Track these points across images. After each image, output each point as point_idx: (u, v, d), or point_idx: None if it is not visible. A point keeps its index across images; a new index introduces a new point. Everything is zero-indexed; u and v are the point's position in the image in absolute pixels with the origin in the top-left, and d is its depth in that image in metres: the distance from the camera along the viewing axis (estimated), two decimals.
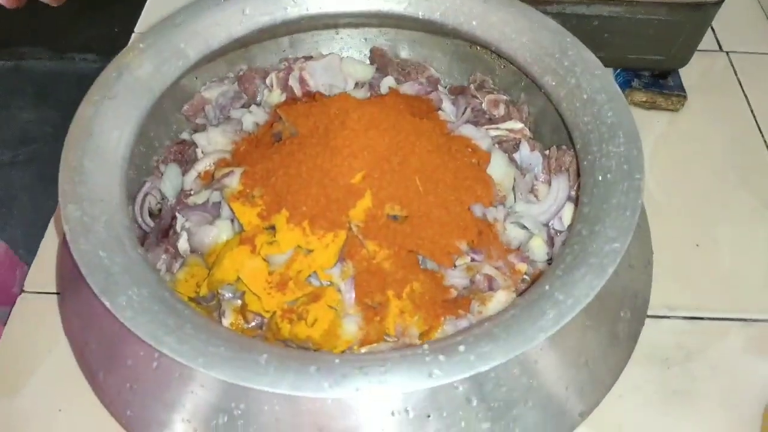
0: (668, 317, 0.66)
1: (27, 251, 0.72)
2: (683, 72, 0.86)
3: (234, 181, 0.53)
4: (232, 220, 0.54)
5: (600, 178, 0.46)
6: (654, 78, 0.86)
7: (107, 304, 0.39)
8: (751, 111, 0.85)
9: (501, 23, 0.57)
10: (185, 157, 0.63)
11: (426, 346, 0.38)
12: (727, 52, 0.93)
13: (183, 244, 0.55)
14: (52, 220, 0.69)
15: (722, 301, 0.66)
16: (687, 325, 0.65)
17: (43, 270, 0.65)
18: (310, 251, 0.48)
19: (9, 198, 1.35)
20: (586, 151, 0.49)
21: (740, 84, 0.88)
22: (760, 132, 0.82)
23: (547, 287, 0.40)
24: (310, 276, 0.49)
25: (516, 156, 0.62)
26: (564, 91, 0.53)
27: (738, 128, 0.83)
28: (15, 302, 0.63)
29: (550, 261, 0.57)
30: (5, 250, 0.76)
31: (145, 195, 0.60)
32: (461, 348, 0.37)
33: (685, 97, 0.84)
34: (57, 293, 0.62)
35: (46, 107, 1.53)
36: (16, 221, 1.29)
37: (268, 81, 0.67)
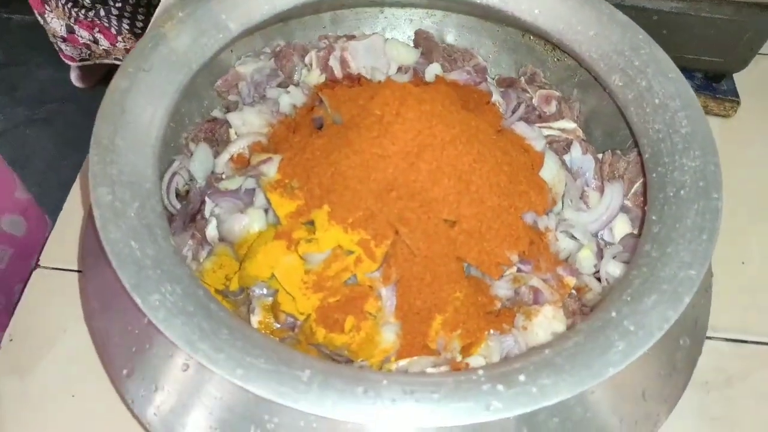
0: (709, 338, 0.62)
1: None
2: (737, 76, 0.81)
3: (272, 170, 0.49)
4: (266, 211, 0.50)
5: (671, 194, 0.43)
6: (707, 80, 0.81)
7: (139, 302, 0.36)
8: None
9: (567, 13, 0.52)
10: (216, 136, 0.59)
11: (482, 372, 0.35)
12: None
13: (211, 231, 0.52)
14: (72, 192, 0.65)
15: (767, 324, 0.63)
16: (729, 347, 0.62)
17: (61, 244, 0.61)
18: (351, 252, 0.45)
19: (24, 158, 1.31)
20: (656, 162, 0.45)
21: None
22: None
23: (613, 314, 0.37)
24: (349, 279, 0.46)
25: (566, 158, 0.59)
26: (633, 93, 0.49)
27: None
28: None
29: (596, 275, 0.53)
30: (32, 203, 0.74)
31: (173, 175, 0.57)
32: (521, 378, 0.34)
33: (738, 102, 0.80)
34: (78, 271, 0.59)
35: (64, 66, 1.49)
36: (30, 182, 1.27)
37: (307, 59, 0.63)
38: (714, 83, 0.81)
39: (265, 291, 0.47)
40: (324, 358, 0.45)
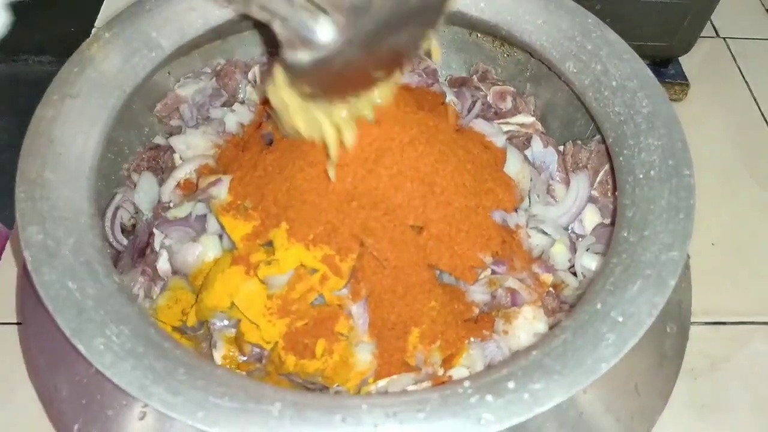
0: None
1: None
2: (682, 60, 0.82)
3: (222, 191, 0.46)
4: (220, 236, 0.47)
5: (641, 175, 0.41)
6: (654, 66, 0.81)
7: (81, 348, 0.32)
8: (754, 99, 0.82)
9: (513, 4, 0.51)
10: (160, 164, 0.56)
11: (468, 384, 0.32)
12: (725, 38, 0.90)
13: (163, 265, 0.48)
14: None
15: (743, 303, 0.62)
16: (708, 331, 0.61)
17: (1, 297, 0.57)
18: (315, 270, 0.42)
19: None
20: (621, 145, 0.43)
21: (740, 71, 0.85)
22: (766, 121, 0.79)
23: (599, 306, 0.35)
24: (316, 299, 0.42)
25: (527, 153, 0.57)
26: (589, 78, 0.47)
27: (743, 117, 0.79)
28: None
29: (571, 269, 0.52)
30: None
31: (117, 209, 0.53)
32: (511, 385, 0.31)
33: (687, 85, 0.80)
34: (18, 323, 0.54)
35: None
36: None
37: (250, 76, 0.60)
38: (661, 68, 0.81)
39: (226, 322, 0.44)
40: (297, 388, 0.42)
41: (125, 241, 0.53)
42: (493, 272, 0.47)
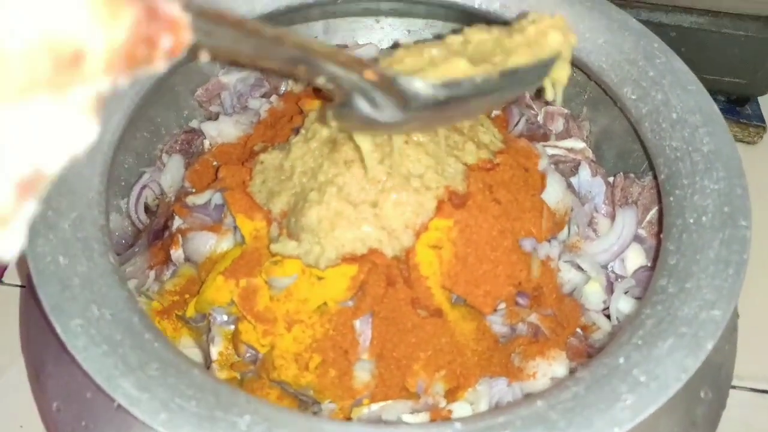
0: (733, 387, 0.55)
1: None
2: (762, 100, 0.76)
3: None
4: (235, 228, 0.45)
5: (691, 220, 0.37)
6: (730, 104, 0.75)
7: (57, 327, 0.30)
8: None
9: (574, 19, 0.47)
10: (192, 148, 0.55)
11: (459, 426, 0.29)
12: None
13: (176, 250, 0.47)
14: None
15: None
16: (755, 398, 0.55)
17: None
18: (321, 278, 0.40)
19: None
20: (674, 184, 0.39)
21: None
22: None
23: (621, 360, 0.31)
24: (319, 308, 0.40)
25: (573, 180, 0.53)
26: (647, 107, 0.43)
27: None
28: None
29: (605, 311, 0.47)
30: None
31: (143, 188, 0.53)
32: None
33: (764, 128, 0.74)
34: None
35: None
36: None
37: None
38: (737, 107, 0.75)
39: (226, 318, 0.42)
40: (287, 398, 0.40)
41: (147, 221, 0.53)
42: (516, 304, 0.43)
